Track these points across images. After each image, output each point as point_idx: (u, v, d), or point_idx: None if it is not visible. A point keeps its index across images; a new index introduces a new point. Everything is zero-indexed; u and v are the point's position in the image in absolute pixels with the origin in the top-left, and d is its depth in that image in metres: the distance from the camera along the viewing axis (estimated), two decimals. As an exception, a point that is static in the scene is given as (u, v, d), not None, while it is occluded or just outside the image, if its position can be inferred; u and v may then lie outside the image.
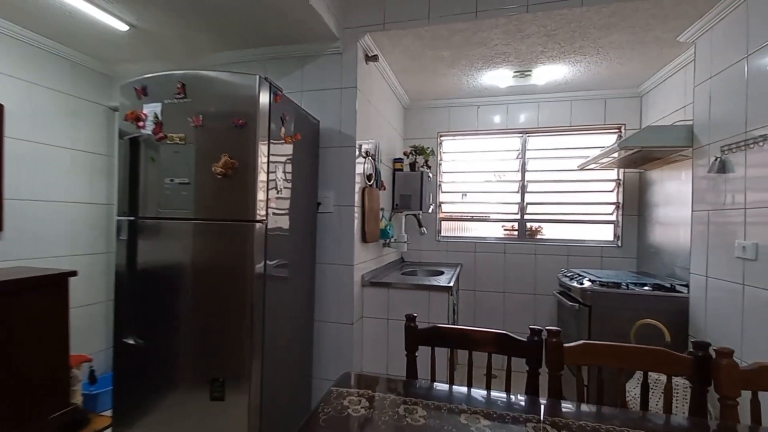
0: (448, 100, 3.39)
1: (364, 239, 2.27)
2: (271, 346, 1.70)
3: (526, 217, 3.34)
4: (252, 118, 1.55)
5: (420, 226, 2.90)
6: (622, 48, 2.37)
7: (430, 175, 3.14)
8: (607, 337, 2.26)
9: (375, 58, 2.35)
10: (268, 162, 1.64)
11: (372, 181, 2.34)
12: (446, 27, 2.14)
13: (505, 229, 3.41)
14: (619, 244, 3.14)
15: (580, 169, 3.11)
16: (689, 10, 1.95)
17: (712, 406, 1.46)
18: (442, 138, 3.51)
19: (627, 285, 2.31)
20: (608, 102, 3.17)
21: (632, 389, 1.99)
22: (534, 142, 3.36)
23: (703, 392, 1.00)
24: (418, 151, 3.08)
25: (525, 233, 3.33)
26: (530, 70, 2.71)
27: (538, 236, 3.32)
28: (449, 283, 2.26)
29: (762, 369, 0.94)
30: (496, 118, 3.35)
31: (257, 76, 1.55)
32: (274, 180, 1.70)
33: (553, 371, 1.05)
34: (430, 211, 3.16)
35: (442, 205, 3.48)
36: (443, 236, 3.46)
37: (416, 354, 1.18)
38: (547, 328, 1.08)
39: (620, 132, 3.19)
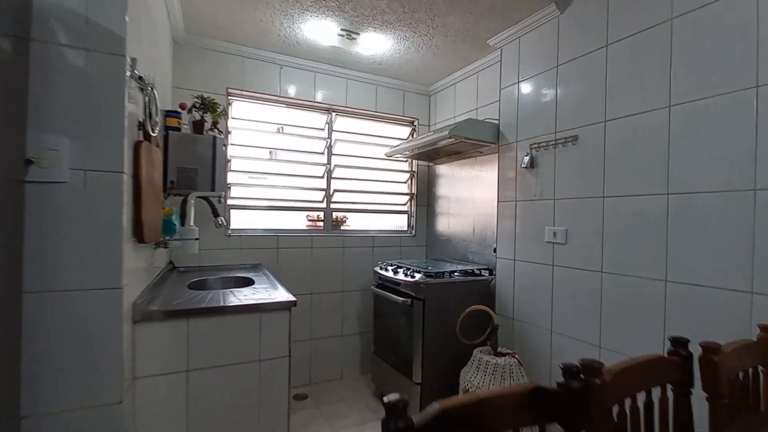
0: (245, 48, 2.54)
1: (140, 237, 1.23)
2: None
3: (332, 205, 2.96)
4: None
5: (216, 215, 1.97)
6: (446, 36, 2.36)
7: (226, 143, 2.23)
8: (438, 329, 2.20)
9: None
10: None
11: (155, 133, 1.30)
12: None
13: (310, 219, 2.91)
14: (413, 233, 3.27)
15: (389, 158, 3.03)
16: (514, 14, 2.09)
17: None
18: (232, 98, 2.61)
19: (450, 274, 2.32)
20: (406, 95, 3.23)
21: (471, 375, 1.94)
22: (341, 123, 3.02)
23: (687, 396, 0.90)
24: (207, 105, 2.11)
25: (331, 224, 2.95)
26: (359, 33, 2.33)
27: (343, 227, 3.02)
28: (289, 295, 1.56)
29: (731, 354, 0.91)
30: (302, 87, 2.79)
31: None
32: None
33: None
34: (224, 194, 2.25)
35: (232, 187, 2.59)
36: (235, 229, 2.58)
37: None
38: (582, 362, 0.71)
39: (413, 125, 3.33)
